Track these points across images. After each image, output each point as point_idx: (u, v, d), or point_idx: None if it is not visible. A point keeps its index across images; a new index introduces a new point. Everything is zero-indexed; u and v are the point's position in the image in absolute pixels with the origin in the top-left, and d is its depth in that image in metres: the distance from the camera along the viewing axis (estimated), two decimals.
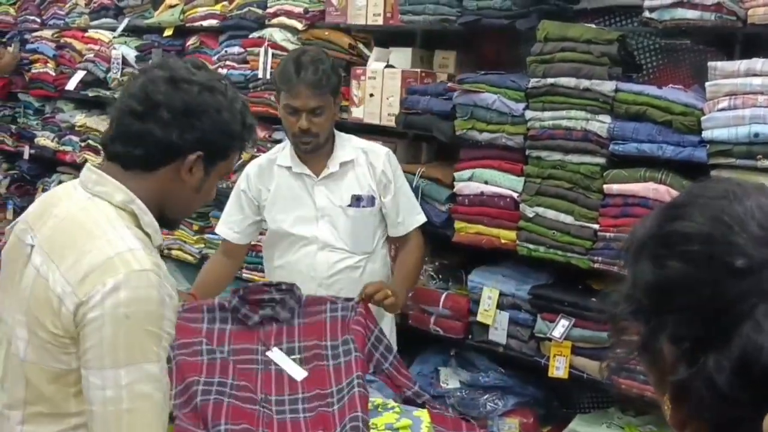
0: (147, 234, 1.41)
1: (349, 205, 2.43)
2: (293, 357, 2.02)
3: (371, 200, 2.45)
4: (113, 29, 4.37)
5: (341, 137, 2.49)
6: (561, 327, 2.49)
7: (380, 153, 2.50)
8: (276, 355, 2.02)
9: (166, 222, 1.52)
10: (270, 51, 3.34)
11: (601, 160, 2.43)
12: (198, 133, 1.41)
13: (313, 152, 2.41)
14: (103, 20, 4.50)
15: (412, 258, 2.56)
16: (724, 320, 0.72)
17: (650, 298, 0.79)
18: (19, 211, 4.86)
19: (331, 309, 2.13)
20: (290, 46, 3.30)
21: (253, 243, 3.54)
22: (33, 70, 4.90)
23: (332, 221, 2.44)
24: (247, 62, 3.51)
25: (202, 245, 3.81)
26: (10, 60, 4.76)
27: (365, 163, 2.46)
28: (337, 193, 2.44)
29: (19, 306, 1.38)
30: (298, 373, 1.98)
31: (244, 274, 3.56)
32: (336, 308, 2.13)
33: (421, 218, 2.58)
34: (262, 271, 3.42)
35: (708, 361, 0.72)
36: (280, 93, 2.40)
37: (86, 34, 4.55)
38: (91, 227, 1.37)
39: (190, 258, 3.88)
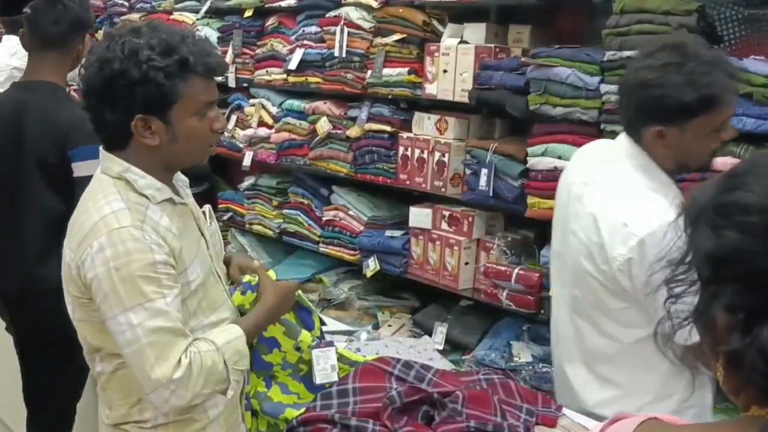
0: (146, 195, 1.53)
1: None
2: None
3: None
4: (197, 11, 4.49)
5: None
6: None
7: None
8: None
9: (186, 171, 1.67)
10: (346, 29, 3.39)
11: None
12: (123, 102, 1.47)
13: None
14: (187, 2, 4.63)
15: None
16: None
17: (708, 266, 0.81)
18: None
19: None
20: (365, 25, 3.33)
21: (327, 219, 3.62)
22: None
23: None
24: (324, 41, 3.56)
25: (281, 220, 3.91)
26: None
27: None
28: None
29: None
30: None
31: (320, 249, 3.64)
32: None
33: None
34: (340, 245, 3.52)
35: (762, 332, 0.74)
36: (698, 114, 1.74)
37: (171, 17, 4.67)
38: (88, 201, 1.54)
39: (269, 233, 3.99)
